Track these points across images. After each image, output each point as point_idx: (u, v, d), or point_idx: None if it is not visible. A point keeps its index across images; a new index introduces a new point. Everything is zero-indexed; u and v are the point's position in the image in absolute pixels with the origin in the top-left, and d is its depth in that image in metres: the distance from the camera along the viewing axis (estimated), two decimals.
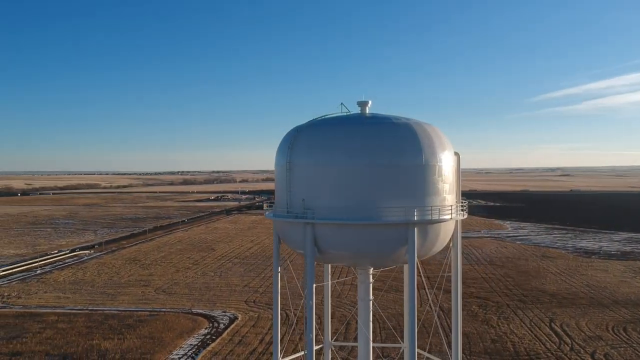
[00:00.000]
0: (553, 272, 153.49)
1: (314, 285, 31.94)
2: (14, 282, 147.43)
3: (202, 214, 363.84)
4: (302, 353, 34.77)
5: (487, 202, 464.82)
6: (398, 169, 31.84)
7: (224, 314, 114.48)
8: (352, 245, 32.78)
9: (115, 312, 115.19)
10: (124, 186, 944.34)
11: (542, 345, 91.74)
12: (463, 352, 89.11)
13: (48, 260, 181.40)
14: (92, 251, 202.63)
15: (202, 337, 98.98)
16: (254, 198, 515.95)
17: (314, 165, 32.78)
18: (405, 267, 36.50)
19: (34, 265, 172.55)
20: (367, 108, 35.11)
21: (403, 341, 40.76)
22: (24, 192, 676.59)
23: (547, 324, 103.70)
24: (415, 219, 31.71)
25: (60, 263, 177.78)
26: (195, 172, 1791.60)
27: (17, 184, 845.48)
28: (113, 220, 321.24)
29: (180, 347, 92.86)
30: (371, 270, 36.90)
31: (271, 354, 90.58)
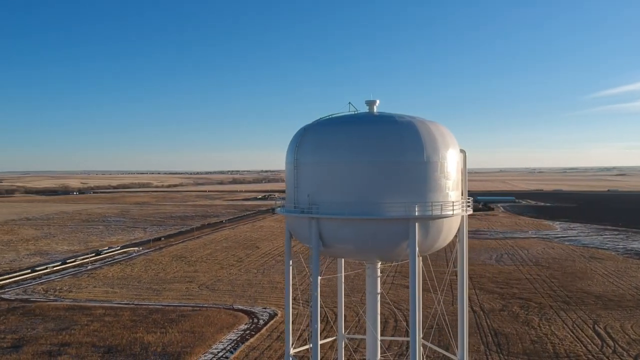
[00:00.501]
0: (600, 274, 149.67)
1: (319, 277, 33.21)
2: (66, 277, 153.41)
3: (249, 212, 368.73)
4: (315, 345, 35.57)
5: (537, 202, 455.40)
6: (399, 166, 32.64)
7: (264, 310, 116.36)
8: (355, 240, 33.95)
9: (160, 307, 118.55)
10: (175, 185, 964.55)
11: (584, 347, 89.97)
12: (501, 353, 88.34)
13: (99, 257, 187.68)
14: (140, 248, 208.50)
15: (241, 332, 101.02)
16: None
17: (318, 163, 34.12)
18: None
19: (85, 261, 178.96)
20: (374, 107, 35.98)
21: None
22: (80, 191, 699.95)
23: (590, 326, 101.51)
24: (417, 214, 32.48)
25: (110, 259, 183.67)
26: (245, 171, 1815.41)
27: (74, 183, 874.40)
28: (162, 219, 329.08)
29: (219, 342, 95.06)
30: (379, 265, 37.62)
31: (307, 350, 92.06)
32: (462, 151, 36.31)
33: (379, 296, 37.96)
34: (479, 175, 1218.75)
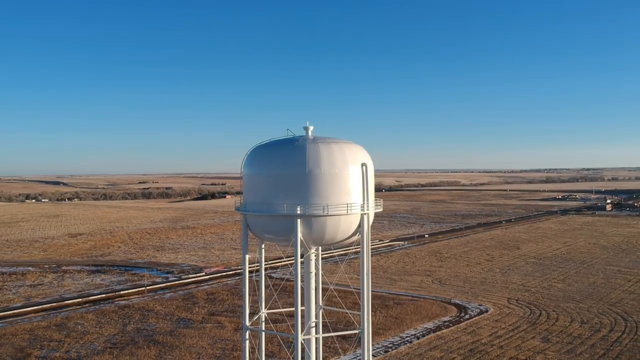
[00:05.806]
0: None
1: (247, 255, 44.31)
2: (329, 263, 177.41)
3: (536, 213, 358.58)
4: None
5: None
6: (288, 177, 41.41)
7: (478, 306, 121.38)
8: (266, 230, 44.34)
9: (385, 294, 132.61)
10: (482, 184, 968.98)
11: None
12: None
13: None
14: (405, 243, 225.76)
15: (440, 323, 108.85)
16: (605, 198, 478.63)
17: (246, 174, 45.07)
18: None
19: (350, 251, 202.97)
20: (309, 132, 44.23)
21: None
22: (390, 189, 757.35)
23: None
24: (298, 212, 40.55)
25: (374, 251, 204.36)
26: (563, 169, 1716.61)
27: (388, 181, 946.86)
28: (445, 216, 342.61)
29: (414, 328, 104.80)
30: (313, 250, 45.30)
31: (491, 345, 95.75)
32: (363, 165, 42.19)
33: (313, 275, 46.41)
34: None
